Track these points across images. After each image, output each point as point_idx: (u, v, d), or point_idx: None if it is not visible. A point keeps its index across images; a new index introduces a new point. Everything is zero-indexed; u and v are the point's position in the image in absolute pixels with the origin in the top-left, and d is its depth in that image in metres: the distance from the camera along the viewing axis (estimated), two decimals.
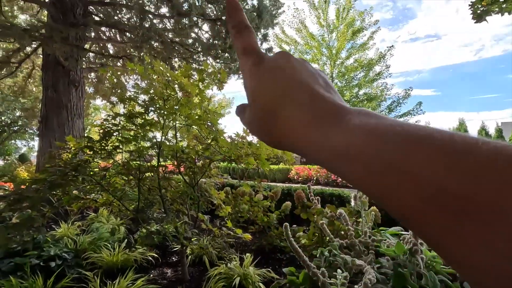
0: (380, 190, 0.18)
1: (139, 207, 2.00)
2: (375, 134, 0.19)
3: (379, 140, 0.19)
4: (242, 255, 2.56)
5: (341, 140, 0.21)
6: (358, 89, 12.08)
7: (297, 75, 0.26)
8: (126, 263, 2.41)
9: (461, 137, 0.17)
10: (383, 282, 1.69)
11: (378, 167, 0.18)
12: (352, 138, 0.20)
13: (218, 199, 2.16)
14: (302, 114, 0.24)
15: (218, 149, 1.87)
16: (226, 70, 8.12)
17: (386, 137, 0.19)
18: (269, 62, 0.28)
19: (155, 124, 2.18)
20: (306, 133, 0.23)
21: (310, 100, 0.24)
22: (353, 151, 0.20)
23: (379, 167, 0.18)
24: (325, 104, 0.24)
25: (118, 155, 2.42)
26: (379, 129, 0.19)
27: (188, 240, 1.86)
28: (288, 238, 1.57)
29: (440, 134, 0.17)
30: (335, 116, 0.22)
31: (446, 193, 0.15)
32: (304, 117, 0.24)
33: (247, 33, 0.31)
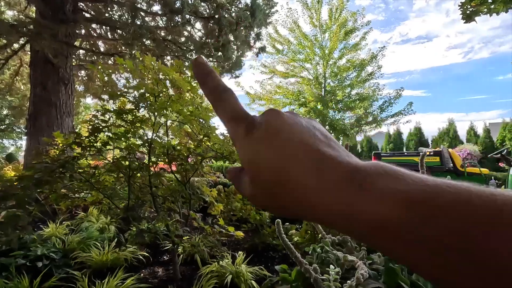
0: (437, 271, 0.17)
1: (129, 205, 1.96)
2: (413, 209, 0.18)
3: (417, 215, 0.17)
4: (234, 253, 2.55)
5: (373, 213, 0.19)
6: (351, 89, 12.18)
7: (296, 137, 0.24)
8: (116, 262, 2.36)
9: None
10: (375, 278, 1.69)
11: (427, 247, 0.17)
12: (385, 210, 0.19)
13: (210, 196, 2.14)
14: (312, 181, 0.22)
15: (210, 146, 1.84)
16: (219, 69, 8.08)
17: (425, 211, 0.17)
18: (261, 127, 0.25)
19: (145, 121, 2.14)
20: (323, 201, 0.21)
21: (317, 164, 0.22)
22: (391, 228, 0.18)
23: (428, 247, 0.17)
24: (336, 165, 0.22)
25: (109, 153, 2.38)
26: (414, 199, 0.18)
27: (179, 238, 1.83)
28: (280, 235, 1.56)
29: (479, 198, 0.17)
30: (352, 180, 0.21)
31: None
32: (316, 185, 0.22)
33: (228, 97, 0.28)
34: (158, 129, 2.13)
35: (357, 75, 12.18)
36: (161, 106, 1.75)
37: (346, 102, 12.10)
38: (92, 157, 1.98)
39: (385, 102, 11.79)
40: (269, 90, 13.42)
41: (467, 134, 14.33)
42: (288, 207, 0.24)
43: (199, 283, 2.07)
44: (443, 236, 0.16)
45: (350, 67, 12.18)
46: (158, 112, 1.82)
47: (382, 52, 12.00)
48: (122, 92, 1.89)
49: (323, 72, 12.71)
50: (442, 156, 7.05)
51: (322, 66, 12.73)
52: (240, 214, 3.19)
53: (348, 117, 12.75)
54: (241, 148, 0.26)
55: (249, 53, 9.16)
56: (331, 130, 12.41)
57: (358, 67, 12.07)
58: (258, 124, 0.26)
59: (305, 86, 12.65)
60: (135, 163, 1.91)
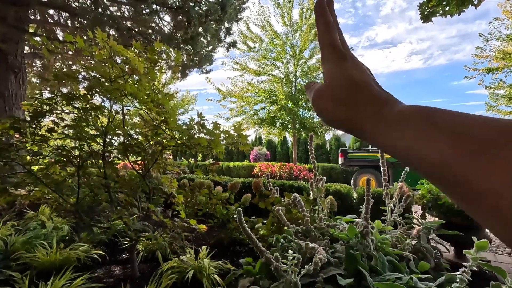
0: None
1: (78, 199, 1.79)
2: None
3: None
4: (198, 249, 2.45)
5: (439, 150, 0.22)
6: None
7: (371, 74, 0.36)
8: (66, 262, 2.16)
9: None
10: (336, 265, 1.70)
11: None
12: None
13: (169, 186, 2.02)
14: (380, 102, 0.29)
15: (169, 133, 1.73)
16: (190, 64, 7.85)
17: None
18: (352, 60, 0.35)
19: (100, 108, 1.98)
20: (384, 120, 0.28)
21: (385, 93, 0.31)
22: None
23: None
24: (393, 97, 0.30)
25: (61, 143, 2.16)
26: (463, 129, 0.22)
27: (135, 233, 1.71)
28: (241, 224, 1.51)
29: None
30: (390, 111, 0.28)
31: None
32: (382, 108, 0.29)
33: (334, 30, 0.37)
34: (114, 117, 1.97)
35: None
36: (115, 88, 1.61)
37: None
38: (35, 145, 1.77)
39: None
40: (241, 88, 13.35)
41: None
42: (346, 121, 0.32)
43: (158, 280, 1.96)
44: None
45: (320, 67, 12.48)
46: (111, 95, 1.67)
47: None
48: (69, 74, 1.71)
49: (294, 71, 12.89)
50: None
51: (293, 65, 12.90)
52: (206, 209, 3.10)
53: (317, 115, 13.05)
54: (331, 67, 0.35)
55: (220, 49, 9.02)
56: (301, 128, 12.64)
57: None
58: (349, 56, 0.35)
59: (276, 84, 12.74)
60: (84, 153, 1.75)
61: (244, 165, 13.11)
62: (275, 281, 1.79)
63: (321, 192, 2.21)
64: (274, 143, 18.55)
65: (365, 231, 1.70)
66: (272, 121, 12.78)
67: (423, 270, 1.82)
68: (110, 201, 1.94)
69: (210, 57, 7.96)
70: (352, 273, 1.61)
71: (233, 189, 3.15)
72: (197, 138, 1.66)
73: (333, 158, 16.28)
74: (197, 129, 1.74)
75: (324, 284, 1.54)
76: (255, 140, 19.26)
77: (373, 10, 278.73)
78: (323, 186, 2.25)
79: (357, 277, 1.60)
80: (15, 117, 1.59)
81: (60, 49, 7.83)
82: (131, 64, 1.61)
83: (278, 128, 13.06)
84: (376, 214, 2.47)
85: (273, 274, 2.01)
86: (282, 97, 11.99)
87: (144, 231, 1.78)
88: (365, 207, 1.76)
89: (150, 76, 1.77)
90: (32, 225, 2.86)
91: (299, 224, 2.24)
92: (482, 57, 9.72)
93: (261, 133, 17.01)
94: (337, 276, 1.51)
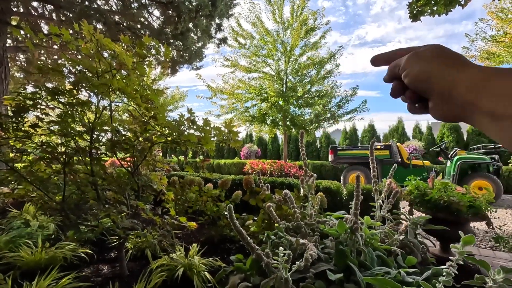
0: None
1: (64, 196, 1.74)
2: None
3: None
4: (189, 246, 2.44)
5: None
6: (311, 86, 12.53)
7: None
8: (51, 261, 2.10)
9: None
10: (326, 260, 1.72)
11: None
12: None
13: (159, 183, 1.99)
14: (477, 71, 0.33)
15: (158, 129, 1.70)
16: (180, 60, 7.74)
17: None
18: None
19: (87, 104, 1.92)
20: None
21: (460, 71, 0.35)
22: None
23: None
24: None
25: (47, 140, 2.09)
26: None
27: (124, 230, 1.67)
28: (232, 220, 1.50)
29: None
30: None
31: None
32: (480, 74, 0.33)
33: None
34: (101, 112, 1.92)
35: (317, 73, 12.57)
36: (102, 83, 1.57)
37: (306, 99, 12.42)
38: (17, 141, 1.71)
39: (342, 99, 12.35)
40: (232, 84, 13.27)
41: (413, 132, 15.65)
42: (452, 84, 0.35)
43: (148, 279, 1.93)
44: None
45: (311, 65, 12.52)
46: (98, 90, 1.63)
47: (340, 51, 12.53)
48: (54, 67, 1.65)
49: (284, 68, 12.89)
50: (391, 150, 7.60)
51: (283, 62, 12.90)
52: (197, 207, 3.07)
53: (307, 113, 13.12)
54: (433, 48, 0.39)
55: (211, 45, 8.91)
56: (291, 125, 12.68)
57: (318, 65, 12.46)
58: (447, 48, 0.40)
59: (267, 82, 12.73)
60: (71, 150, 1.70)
61: (235, 162, 13.09)
62: (266, 277, 1.80)
63: (312, 188, 2.23)
64: (265, 140, 18.58)
65: (355, 227, 1.72)
66: (263, 118, 12.78)
67: (410, 265, 1.86)
68: (97, 199, 1.90)
69: (200, 53, 7.88)
70: (342, 268, 1.63)
71: (223, 186, 3.13)
72: (187, 134, 1.63)
73: (323, 156, 16.43)
74: (187, 125, 1.71)
75: (314, 280, 1.55)
76: (246, 138, 19.24)
77: (363, 8, 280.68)
78: (313, 183, 2.26)
79: (347, 272, 1.62)
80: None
81: (45, 42, 7.60)
82: (118, 58, 1.56)
83: (268, 125, 13.07)
84: (365, 210, 2.51)
85: (263, 271, 2.01)
86: (273, 94, 11.99)
87: (133, 228, 1.75)
88: (355, 203, 1.78)
89: (139, 71, 1.72)
90: (15, 224, 2.78)
91: (290, 221, 2.25)
92: (467, 57, 9.97)
93: (252, 131, 16.99)
94: (327, 272, 1.52)
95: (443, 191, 2.69)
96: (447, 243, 2.81)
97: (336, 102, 12.51)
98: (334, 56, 12.49)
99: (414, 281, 1.48)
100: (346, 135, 16.66)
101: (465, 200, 2.55)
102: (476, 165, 6.76)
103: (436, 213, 2.66)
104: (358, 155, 7.93)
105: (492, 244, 3.28)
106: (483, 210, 2.55)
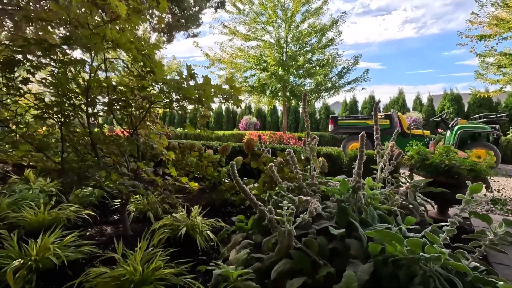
0: None
1: (63, 157, 1.71)
2: None
3: None
4: (190, 207, 2.46)
5: None
6: (312, 55, 12.14)
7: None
8: (55, 222, 2.12)
9: None
10: (328, 219, 1.74)
11: None
12: None
13: (159, 144, 1.96)
14: None
15: (156, 87, 1.63)
16: (176, 25, 7.39)
17: None
18: None
19: (80, 62, 1.82)
20: None
21: None
22: None
23: None
24: None
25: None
26: None
27: (125, 187, 1.66)
28: (235, 178, 1.49)
29: None
30: None
31: None
32: None
33: None
34: (96, 70, 1.83)
35: (318, 41, 12.13)
36: (94, 33, 1.47)
37: (306, 68, 12.10)
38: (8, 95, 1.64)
39: (343, 68, 12.05)
40: (230, 53, 12.84)
41: (414, 103, 15.51)
42: None
43: (151, 237, 1.96)
44: None
45: (312, 32, 12.04)
46: (91, 43, 1.53)
47: (342, 17, 12.00)
48: (42, 17, 1.53)
49: (285, 36, 12.42)
50: (392, 119, 7.55)
51: (284, 30, 12.40)
52: (197, 172, 3.08)
53: (308, 83, 12.86)
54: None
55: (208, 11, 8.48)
56: (291, 96, 12.49)
57: (319, 32, 11.99)
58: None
59: (267, 50, 12.31)
60: (67, 107, 1.63)
61: (234, 134, 13.05)
62: (268, 236, 1.83)
63: (314, 151, 2.21)
64: (264, 112, 18.41)
65: (357, 185, 1.72)
66: (262, 89, 12.54)
67: (409, 224, 1.88)
68: (97, 160, 1.87)
69: (197, 18, 7.52)
70: (344, 225, 1.65)
71: (224, 152, 3.11)
72: (185, 88, 1.56)
73: (322, 127, 16.39)
74: (186, 83, 1.64)
75: (316, 236, 1.58)
76: (245, 109, 19.05)
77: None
78: (315, 145, 2.24)
79: (348, 229, 1.64)
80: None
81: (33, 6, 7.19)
82: (111, 6, 1.44)
83: (268, 96, 12.86)
84: (366, 174, 2.51)
85: (265, 230, 2.05)
86: (272, 63, 11.65)
87: (135, 187, 1.74)
88: (358, 162, 1.76)
89: (133, 22, 1.61)
90: (17, 187, 2.78)
91: (289, 180, 2.26)
92: (476, 23, 9.58)
93: (250, 102, 16.77)
94: (329, 227, 1.54)
95: (444, 155, 2.68)
96: (445, 206, 2.86)
97: (337, 72, 12.21)
98: (337, 23, 11.98)
99: (414, 237, 1.50)
100: (346, 106, 16.50)
101: (466, 163, 2.55)
102: (476, 134, 6.75)
103: (437, 176, 2.67)
104: (359, 124, 7.88)
105: (488, 208, 3.35)
106: (483, 174, 2.56)
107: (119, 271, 1.41)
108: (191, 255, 1.89)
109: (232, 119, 19.01)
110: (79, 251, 1.74)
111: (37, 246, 1.61)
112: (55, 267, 1.57)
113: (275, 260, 1.60)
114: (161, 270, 1.49)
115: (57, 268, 1.58)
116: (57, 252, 1.60)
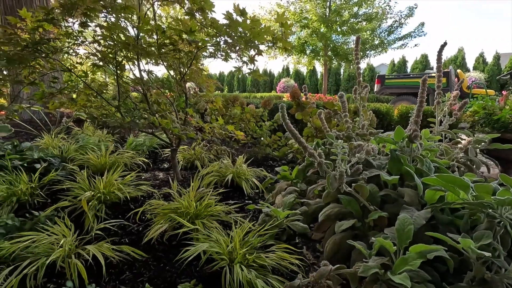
0: None
1: (119, 100, 1.82)
2: None
3: None
4: (235, 157, 2.53)
5: None
6: (358, 8, 11.05)
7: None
8: (115, 164, 2.34)
9: None
10: (379, 167, 1.67)
11: None
12: None
13: (207, 89, 1.98)
14: None
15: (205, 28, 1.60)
16: None
17: None
18: None
19: (129, 7, 1.84)
20: None
21: None
22: None
23: None
24: None
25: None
26: None
27: (178, 129, 1.73)
28: (285, 120, 1.46)
29: None
30: None
31: None
32: None
33: None
34: (145, 14, 1.84)
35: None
36: None
37: (351, 24, 11.11)
38: (70, 40, 1.74)
39: (395, 22, 10.85)
40: (268, 10, 12.20)
41: (475, 62, 13.71)
42: None
43: (201, 180, 2.07)
44: None
45: None
46: None
47: None
48: None
49: None
50: (449, 77, 6.77)
51: None
52: (240, 126, 3.11)
53: (352, 41, 11.90)
54: None
55: None
56: (333, 55, 11.74)
57: None
58: None
59: (308, 5, 11.44)
60: (120, 50, 1.69)
61: (271, 96, 12.87)
62: (312, 185, 1.83)
63: (364, 101, 2.07)
64: (302, 74, 17.71)
65: (414, 134, 1.59)
66: (302, 48, 11.92)
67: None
68: (148, 106, 1.96)
69: None
70: (396, 175, 1.57)
71: (266, 106, 3.08)
72: (238, 22, 1.50)
73: None
74: (235, 23, 1.57)
75: (366, 183, 1.53)
76: (283, 72, 18.49)
77: None
78: (366, 95, 2.09)
79: (401, 180, 1.57)
80: (45, 7, 1.51)
81: None
82: None
83: (308, 56, 12.24)
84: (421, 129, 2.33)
85: (309, 180, 2.04)
86: (314, 19, 10.86)
87: (186, 131, 1.81)
88: (417, 109, 1.61)
89: None
90: (80, 136, 3.08)
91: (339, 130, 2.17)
92: None
93: (289, 63, 16.16)
94: (381, 174, 1.47)
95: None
96: (511, 166, 2.59)
97: (386, 27, 11.06)
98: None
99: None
100: (394, 67, 15.18)
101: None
102: None
103: (504, 133, 2.39)
104: (409, 83, 7.20)
105: None
106: None
107: (175, 204, 1.53)
108: (238, 200, 1.97)
109: (269, 82, 18.66)
110: (138, 189, 1.92)
111: (103, 182, 1.80)
112: (119, 201, 1.76)
113: (322, 205, 1.61)
114: (212, 207, 1.59)
115: (121, 202, 1.76)
116: (121, 187, 1.77)
